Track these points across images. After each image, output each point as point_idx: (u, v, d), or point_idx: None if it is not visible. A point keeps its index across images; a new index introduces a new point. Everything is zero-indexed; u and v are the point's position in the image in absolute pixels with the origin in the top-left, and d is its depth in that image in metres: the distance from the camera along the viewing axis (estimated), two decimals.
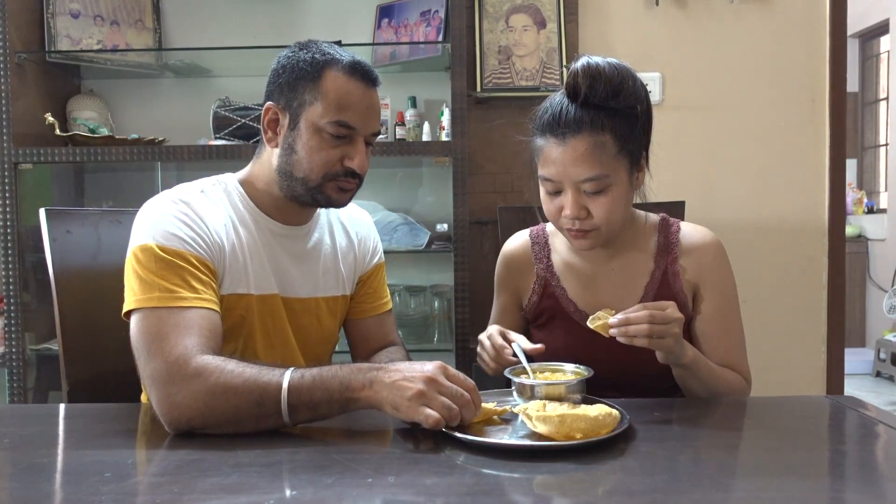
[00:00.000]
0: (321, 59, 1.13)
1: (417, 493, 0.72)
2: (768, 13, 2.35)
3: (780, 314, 2.36)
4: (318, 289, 1.25)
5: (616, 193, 1.14)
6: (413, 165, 2.40)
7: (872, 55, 5.31)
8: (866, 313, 4.97)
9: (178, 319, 0.99)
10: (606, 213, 1.14)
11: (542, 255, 1.32)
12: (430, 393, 0.89)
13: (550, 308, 1.28)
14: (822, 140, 2.37)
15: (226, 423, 0.93)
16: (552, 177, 1.14)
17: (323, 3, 2.41)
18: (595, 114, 1.11)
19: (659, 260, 1.24)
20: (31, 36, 2.21)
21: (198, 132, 2.32)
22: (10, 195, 2.07)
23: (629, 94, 1.12)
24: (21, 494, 0.75)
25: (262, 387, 0.92)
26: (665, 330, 1.02)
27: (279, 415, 0.92)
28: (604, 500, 0.75)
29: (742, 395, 1.19)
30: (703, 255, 1.24)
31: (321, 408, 0.93)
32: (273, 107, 1.15)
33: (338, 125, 1.12)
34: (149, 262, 1.03)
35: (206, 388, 0.92)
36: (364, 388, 0.92)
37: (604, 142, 1.11)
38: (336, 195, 1.17)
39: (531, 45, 2.37)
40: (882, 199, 5.17)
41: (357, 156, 1.14)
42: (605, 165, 1.11)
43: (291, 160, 1.14)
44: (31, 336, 2.14)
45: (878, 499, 0.73)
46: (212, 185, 1.18)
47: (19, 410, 1.45)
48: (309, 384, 0.92)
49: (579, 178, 1.12)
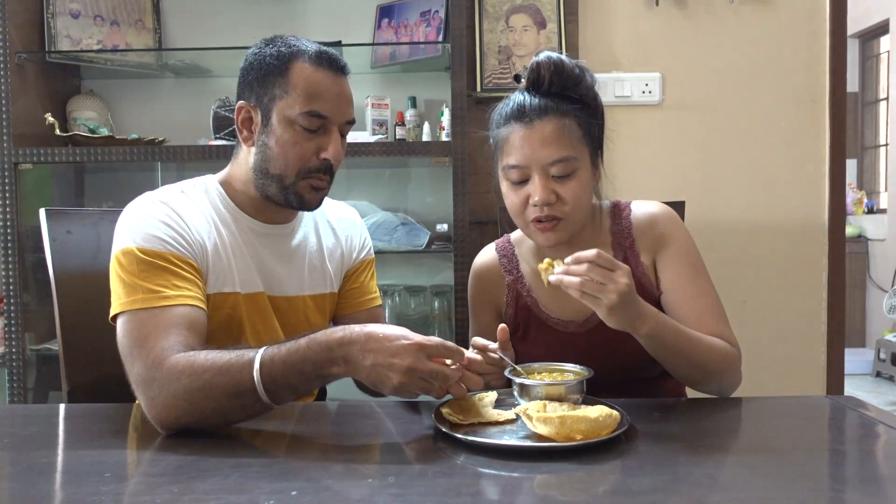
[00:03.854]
0: (287, 52, 1.13)
1: (417, 493, 0.72)
2: (768, 13, 2.35)
3: (780, 314, 2.36)
4: (304, 287, 1.25)
5: (582, 178, 1.15)
6: (413, 165, 2.40)
7: (872, 55, 5.31)
8: (866, 313, 4.97)
9: (158, 320, 0.99)
10: (575, 198, 1.14)
11: (511, 266, 1.30)
12: (411, 380, 0.88)
13: (525, 318, 1.27)
14: (822, 140, 2.37)
15: (212, 417, 0.93)
16: (519, 162, 1.14)
17: (323, 3, 2.40)
18: (559, 101, 1.14)
19: (617, 248, 1.23)
20: (31, 36, 2.21)
21: (198, 132, 2.32)
22: (10, 195, 2.07)
23: (588, 88, 1.16)
24: (21, 494, 0.75)
25: (234, 378, 0.90)
26: (599, 289, 0.98)
27: (260, 402, 0.91)
28: (604, 500, 0.75)
29: (731, 362, 1.13)
30: (654, 226, 1.23)
31: (300, 388, 0.93)
32: (245, 105, 1.15)
33: (310, 116, 1.11)
34: (130, 265, 1.03)
35: (182, 386, 0.91)
36: (338, 364, 0.91)
37: (569, 125, 1.13)
38: (309, 195, 1.16)
39: (531, 45, 2.37)
40: (882, 199, 5.17)
41: (331, 145, 1.14)
42: (572, 148, 1.13)
43: (267, 157, 1.14)
44: (31, 336, 2.14)
45: (878, 499, 0.73)
46: (192, 186, 1.18)
47: (19, 410, 1.45)
48: (280, 370, 0.90)
49: (547, 161, 1.12)
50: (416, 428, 0.95)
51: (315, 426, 0.97)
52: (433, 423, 0.93)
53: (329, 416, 1.09)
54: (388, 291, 2.27)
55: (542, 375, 1.03)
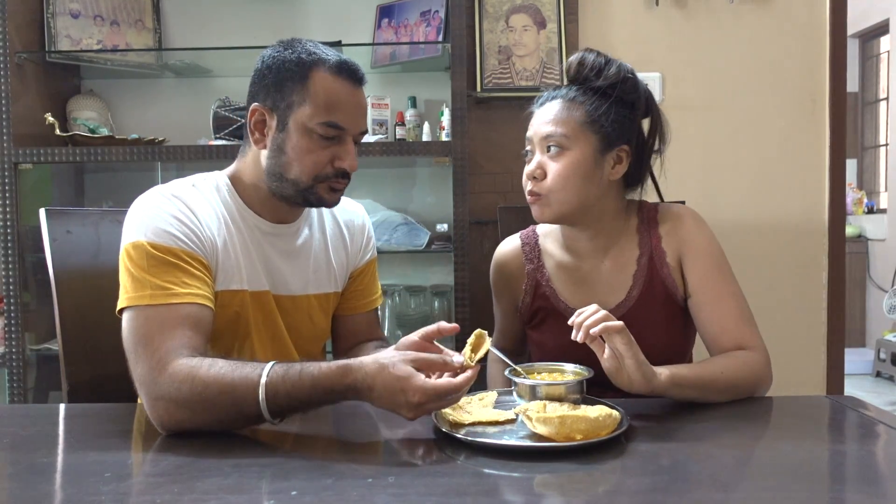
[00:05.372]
0: (308, 60, 1.12)
1: (417, 493, 0.72)
2: (768, 13, 2.35)
3: (780, 314, 2.36)
4: (308, 286, 1.24)
5: (572, 159, 1.17)
6: (413, 165, 2.40)
7: (872, 55, 5.31)
8: (866, 313, 4.96)
9: (165, 318, 0.99)
10: (558, 177, 1.17)
11: (533, 255, 1.32)
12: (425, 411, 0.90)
13: (543, 308, 1.29)
14: (822, 140, 2.37)
15: (214, 427, 0.93)
16: (528, 136, 1.23)
17: (323, 3, 2.40)
18: (577, 88, 1.21)
19: (643, 245, 1.24)
20: (31, 36, 2.21)
21: (198, 132, 2.32)
22: (10, 195, 2.07)
23: (613, 80, 1.18)
24: (21, 494, 0.75)
25: (239, 399, 0.91)
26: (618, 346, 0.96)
27: (261, 417, 0.92)
28: (604, 500, 0.75)
29: (760, 375, 1.11)
30: (680, 225, 1.24)
31: (305, 408, 0.93)
32: (260, 108, 1.14)
33: (327, 126, 1.11)
34: (140, 260, 1.03)
35: (183, 398, 0.92)
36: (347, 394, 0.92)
37: (574, 108, 1.19)
38: (328, 195, 1.17)
39: (531, 45, 2.37)
40: (882, 199, 5.17)
41: (348, 156, 1.14)
42: (567, 127, 1.18)
43: (281, 162, 1.13)
44: (31, 336, 2.14)
45: (878, 499, 0.73)
46: (203, 180, 1.17)
47: (19, 410, 1.45)
48: (285, 401, 0.91)
49: (542, 135, 1.19)
50: (416, 428, 0.95)
51: (315, 426, 0.97)
52: (433, 423, 0.93)
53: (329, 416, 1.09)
54: (388, 291, 2.27)
55: (542, 375, 1.03)
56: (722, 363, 1.10)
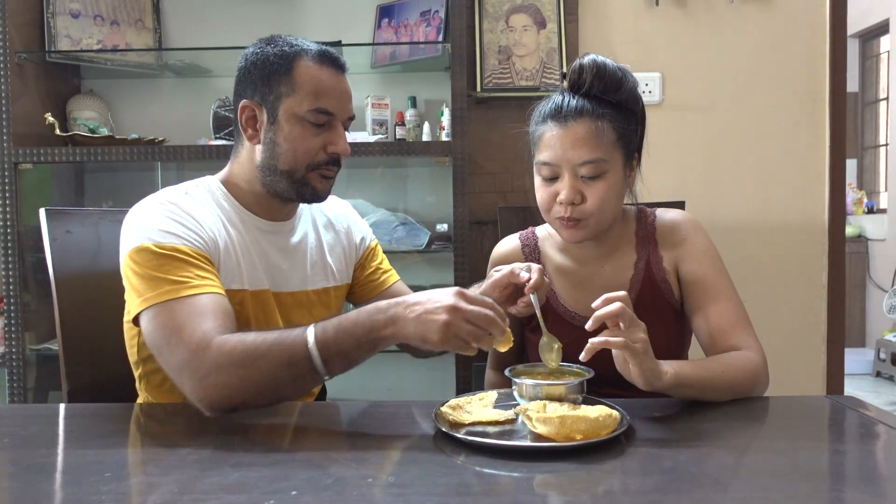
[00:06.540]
0: (290, 52, 1.15)
1: (417, 493, 0.72)
2: (768, 13, 2.35)
3: (780, 314, 2.36)
4: (307, 282, 1.26)
5: (611, 181, 1.16)
6: (413, 165, 2.40)
7: (872, 55, 5.31)
8: (866, 313, 4.96)
9: (190, 308, 0.99)
10: (600, 200, 1.15)
11: (533, 257, 1.32)
12: (456, 321, 0.91)
13: (542, 310, 1.28)
14: (822, 140, 2.37)
15: (265, 392, 0.95)
16: (550, 160, 1.16)
17: (323, 3, 2.41)
18: (597, 104, 1.16)
19: (641, 250, 1.25)
20: (31, 36, 2.21)
21: (198, 132, 2.32)
22: (10, 195, 2.07)
23: (628, 92, 1.17)
24: (21, 494, 0.75)
25: (288, 348, 0.94)
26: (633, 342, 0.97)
27: (314, 371, 0.94)
28: (604, 500, 0.75)
29: (756, 376, 1.11)
30: (678, 230, 1.25)
31: (351, 354, 0.95)
32: (249, 104, 1.16)
33: (317, 112, 1.14)
34: (148, 261, 1.03)
35: (235, 361, 0.93)
36: (388, 325, 0.94)
37: (603, 128, 1.15)
38: (320, 184, 1.19)
39: (531, 45, 2.37)
40: (882, 199, 5.17)
41: (339, 140, 1.17)
42: (604, 150, 1.15)
43: (275, 153, 1.15)
44: (31, 336, 2.14)
45: (878, 499, 0.73)
46: (195, 187, 1.19)
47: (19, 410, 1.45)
48: (333, 336, 0.94)
49: (578, 161, 1.15)
50: (416, 428, 0.95)
51: (315, 426, 0.97)
52: (433, 423, 0.93)
53: (329, 416, 1.09)
54: None
55: (542, 375, 1.03)
56: (723, 363, 1.10)
